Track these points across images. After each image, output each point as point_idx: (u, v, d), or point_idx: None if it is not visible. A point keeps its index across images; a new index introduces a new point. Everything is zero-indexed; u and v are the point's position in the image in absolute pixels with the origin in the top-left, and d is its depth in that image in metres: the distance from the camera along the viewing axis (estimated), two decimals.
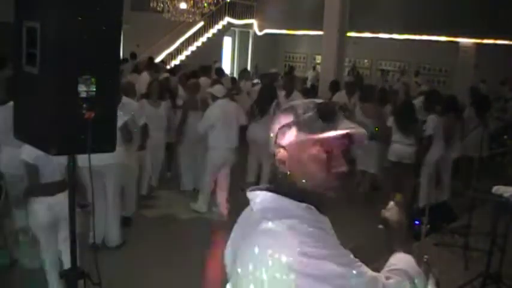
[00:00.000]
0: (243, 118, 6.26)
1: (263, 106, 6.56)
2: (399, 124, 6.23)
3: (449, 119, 6.38)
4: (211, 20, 17.71)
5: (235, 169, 6.85)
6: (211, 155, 6.01)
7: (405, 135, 6.16)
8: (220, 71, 10.89)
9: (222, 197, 6.16)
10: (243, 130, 6.56)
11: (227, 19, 18.28)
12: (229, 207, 6.05)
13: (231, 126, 5.99)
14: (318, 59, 16.55)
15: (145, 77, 9.16)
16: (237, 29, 19.85)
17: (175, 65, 14.02)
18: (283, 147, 1.33)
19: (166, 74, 9.33)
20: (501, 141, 6.89)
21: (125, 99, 5.08)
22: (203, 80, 8.40)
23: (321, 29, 11.32)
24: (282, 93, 7.43)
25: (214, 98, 6.03)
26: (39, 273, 4.19)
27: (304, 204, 1.29)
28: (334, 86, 8.98)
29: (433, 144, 6.22)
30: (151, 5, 14.06)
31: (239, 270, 1.31)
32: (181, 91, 7.81)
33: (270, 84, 7.56)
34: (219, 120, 5.86)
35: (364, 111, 6.76)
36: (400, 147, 6.22)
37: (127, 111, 4.95)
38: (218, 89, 6.12)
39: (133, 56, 13.25)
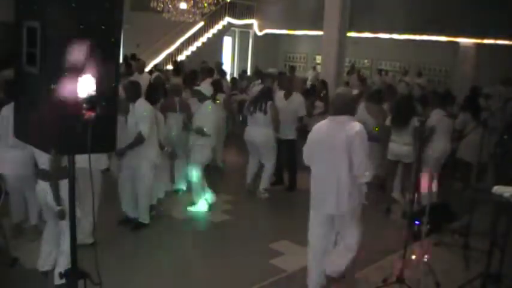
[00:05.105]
0: None
1: (255, 106, 6.62)
2: (394, 123, 6.25)
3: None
4: (211, 20, 17.69)
5: (234, 169, 6.84)
6: (206, 151, 6.07)
7: (399, 134, 6.16)
8: (222, 72, 10.86)
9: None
10: (240, 129, 6.54)
11: (227, 19, 18.26)
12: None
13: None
14: (318, 59, 16.53)
15: (146, 77, 9.11)
16: (237, 29, 19.83)
17: (177, 63, 13.78)
18: None
19: (156, 73, 9.28)
20: (501, 141, 6.86)
21: (138, 102, 5.17)
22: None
23: (321, 29, 11.32)
24: (280, 94, 7.07)
25: (203, 97, 6.02)
26: (39, 273, 4.20)
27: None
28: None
29: (435, 140, 6.21)
30: (151, 5, 14.04)
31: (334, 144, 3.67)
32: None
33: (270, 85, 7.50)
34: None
35: (368, 109, 6.84)
36: (396, 146, 6.23)
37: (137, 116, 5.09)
38: (207, 89, 6.17)
39: (134, 57, 13.00)
